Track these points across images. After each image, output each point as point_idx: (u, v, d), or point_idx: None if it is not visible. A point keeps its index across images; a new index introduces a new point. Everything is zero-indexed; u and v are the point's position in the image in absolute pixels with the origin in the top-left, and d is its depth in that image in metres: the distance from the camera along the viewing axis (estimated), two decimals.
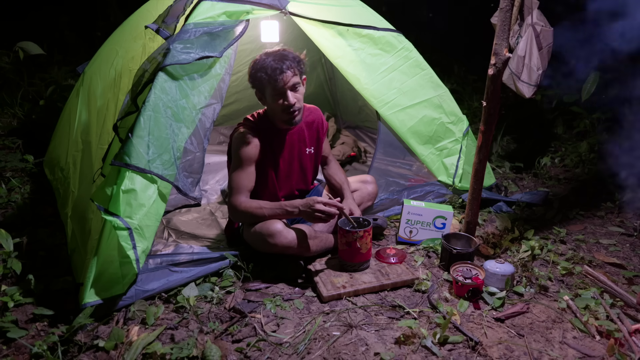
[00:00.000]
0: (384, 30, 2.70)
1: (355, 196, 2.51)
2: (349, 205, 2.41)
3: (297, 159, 2.40)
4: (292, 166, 2.39)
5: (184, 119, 2.07)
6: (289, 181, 2.40)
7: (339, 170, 2.59)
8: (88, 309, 1.82)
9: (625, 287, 2.17)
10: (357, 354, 1.72)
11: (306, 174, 2.46)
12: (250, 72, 2.19)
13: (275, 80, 2.11)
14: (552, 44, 3.07)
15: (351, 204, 2.42)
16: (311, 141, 2.43)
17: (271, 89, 2.14)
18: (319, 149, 2.48)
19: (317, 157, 2.49)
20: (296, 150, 2.38)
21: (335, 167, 2.61)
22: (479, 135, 2.29)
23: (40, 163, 3.33)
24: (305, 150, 2.41)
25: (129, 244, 1.86)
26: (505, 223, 2.68)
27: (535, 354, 1.73)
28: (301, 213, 2.12)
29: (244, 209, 2.16)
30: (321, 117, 2.47)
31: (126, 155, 1.89)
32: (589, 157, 3.80)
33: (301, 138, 2.38)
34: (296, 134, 2.36)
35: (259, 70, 2.13)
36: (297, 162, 2.40)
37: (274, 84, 2.11)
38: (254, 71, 2.16)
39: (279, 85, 2.12)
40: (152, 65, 2.05)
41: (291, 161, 2.38)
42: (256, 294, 2.08)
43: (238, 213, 2.19)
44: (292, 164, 2.39)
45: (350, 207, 2.40)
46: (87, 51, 4.95)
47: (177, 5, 2.32)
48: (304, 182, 2.48)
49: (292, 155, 2.37)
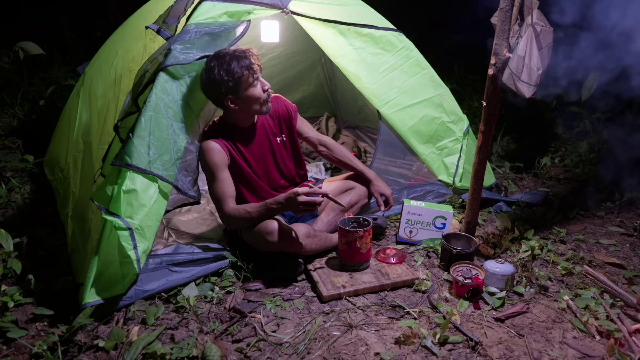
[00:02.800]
0: (385, 30, 2.70)
1: (352, 194, 2.51)
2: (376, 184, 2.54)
3: (271, 151, 2.39)
4: (267, 160, 2.38)
5: (184, 119, 2.07)
6: (268, 176, 2.40)
7: (335, 147, 2.62)
8: (88, 309, 1.82)
9: (625, 287, 2.17)
10: (357, 354, 1.72)
11: (286, 163, 2.45)
12: (215, 82, 2.08)
13: (253, 71, 2.11)
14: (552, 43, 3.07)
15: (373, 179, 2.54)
16: (279, 130, 2.42)
17: (248, 82, 2.12)
18: (292, 135, 2.47)
19: (293, 144, 2.48)
20: (266, 143, 2.37)
21: (331, 144, 2.62)
22: (479, 135, 2.29)
23: (40, 163, 3.33)
24: (276, 139, 2.40)
25: (130, 244, 1.87)
26: (505, 223, 2.68)
27: (535, 354, 1.73)
28: (286, 207, 2.12)
29: (234, 217, 2.17)
30: (283, 102, 2.45)
31: (127, 155, 1.90)
32: (589, 157, 3.80)
33: (268, 130, 2.38)
34: (261, 128, 2.35)
35: (231, 73, 2.07)
36: (271, 155, 2.39)
37: (252, 75, 2.11)
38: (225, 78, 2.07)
39: (256, 74, 2.13)
40: (153, 65, 2.05)
41: (264, 155, 2.37)
42: (256, 294, 2.08)
43: (230, 222, 2.21)
44: (267, 158, 2.38)
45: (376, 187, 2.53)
46: (87, 51, 4.96)
47: (178, 6, 2.32)
48: (287, 173, 2.46)
49: (264, 150, 2.36)
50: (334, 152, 2.61)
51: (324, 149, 2.62)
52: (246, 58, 2.10)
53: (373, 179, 2.55)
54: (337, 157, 2.62)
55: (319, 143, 2.61)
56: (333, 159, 2.63)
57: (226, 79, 2.07)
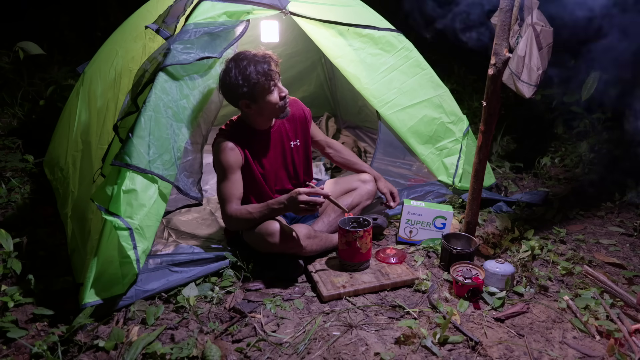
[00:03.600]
0: (385, 30, 2.70)
1: (354, 195, 2.51)
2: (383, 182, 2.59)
3: (283, 155, 2.39)
4: (278, 164, 2.38)
5: (184, 119, 2.07)
6: (279, 179, 2.40)
7: (342, 149, 2.66)
8: (88, 309, 1.82)
9: (625, 287, 2.17)
10: (357, 354, 1.72)
11: (297, 168, 2.45)
12: (231, 85, 2.09)
13: (270, 77, 2.10)
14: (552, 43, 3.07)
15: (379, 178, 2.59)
16: (295, 134, 2.42)
17: (264, 89, 2.11)
18: (306, 140, 2.47)
19: (306, 149, 2.48)
20: (280, 147, 2.37)
21: (338, 147, 2.66)
22: (479, 135, 2.29)
23: (40, 163, 3.33)
24: (290, 144, 2.40)
25: (130, 244, 1.87)
26: (505, 223, 2.68)
27: (535, 354, 1.73)
28: (287, 207, 2.12)
29: (235, 217, 2.17)
30: (301, 107, 2.46)
31: (127, 155, 1.90)
32: (589, 157, 3.79)
33: (283, 134, 2.38)
34: (277, 132, 2.35)
35: (247, 79, 2.07)
36: (283, 159, 2.39)
37: (268, 82, 2.10)
38: (240, 82, 2.07)
39: (275, 78, 2.12)
40: (153, 65, 2.05)
41: (277, 159, 2.37)
42: (256, 294, 2.08)
43: (232, 222, 2.21)
44: (278, 161, 2.38)
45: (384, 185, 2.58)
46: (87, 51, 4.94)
47: (178, 6, 2.32)
48: (297, 177, 2.47)
49: (277, 153, 2.36)
50: (341, 154, 2.65)
51: (331, 150, 2.64)
52: (265, 63, 2.09)
53: (379, 178, 2.61)
54: (344, 158, 2.65)
55: (326, 145, 2.63)
56: (340, 160, 2.66)
57: (242, 83, 2.07)
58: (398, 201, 2.60)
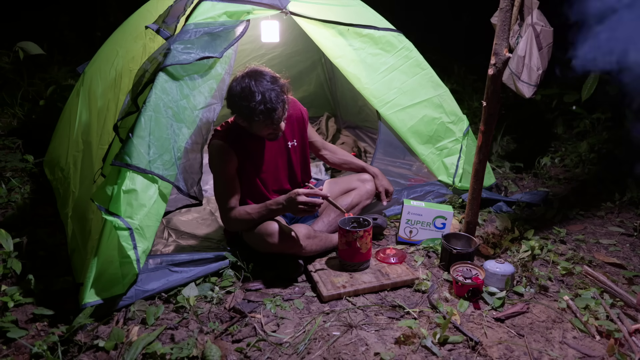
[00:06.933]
0: (385, 30, 2.70)
1: (354, 195, 2.51)
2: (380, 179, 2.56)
3: (280, 156, 2.39)
4: (276, 164, 2.38)
5: (184, 119, 2.07)
6: (277, 180, 2.40)
7: (337, 149, 2.68)
8: (88, 309, 1.82)
9: (625, 287, 2.17)
10: (357, 354, 1.72)
11: (294, 168, 2.45)
12: (234, 99, 2.09)
13: (271, 119, 2.09)
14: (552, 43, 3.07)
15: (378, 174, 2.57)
16: (292, 134, 2.41)
17: (263, 124, 2.11)
18: (304, 140, 2.47)
19: (303, 149, 2.48)
20: (276, 148, 2.36)
21: (333, 148, 2.67)
22: (479, 135, 2.29)
23: (40, 163, 3.33)
24: (288, 144, 2.40)
25: (130, 244, 1.87)
26: (505, 223, 2.68)
27: (535, 354, 1.73)
28: (286, 208, 2.12)
29: (234, 219, 2.18)
30: (298, 107, 2.44)
31: (127, 155, 1.90)
32: (589, 157, 3.80)
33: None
34: None
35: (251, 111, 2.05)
36: (281, 159, 2.39)
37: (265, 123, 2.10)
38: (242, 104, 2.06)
39: (275, 122, 2.11)
40: (153, 65, 2.05)
41: (274, 160, 2.36)
42: (256, 294, 2.08)
43: (230, 223, 2.22)
44: (277, 162, 2.38)
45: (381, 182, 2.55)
46: (87, 51, 4.95)
47: (178, 6, 2.32)
48: (295, 178, 2.46)
49: (274, 154, 2.36)
50: (337, 154, 2.66)
51: (327, 152, 2.64)
52: (274, 110, 2.05)
53: (378, 175, 2.59)
54: (341, 158, 2.66)
55: (322, 147, 2.63)
56: (336, 160, 2.66)
57: (245, 111, 2.07)
58: (390, 200, 2.59)
